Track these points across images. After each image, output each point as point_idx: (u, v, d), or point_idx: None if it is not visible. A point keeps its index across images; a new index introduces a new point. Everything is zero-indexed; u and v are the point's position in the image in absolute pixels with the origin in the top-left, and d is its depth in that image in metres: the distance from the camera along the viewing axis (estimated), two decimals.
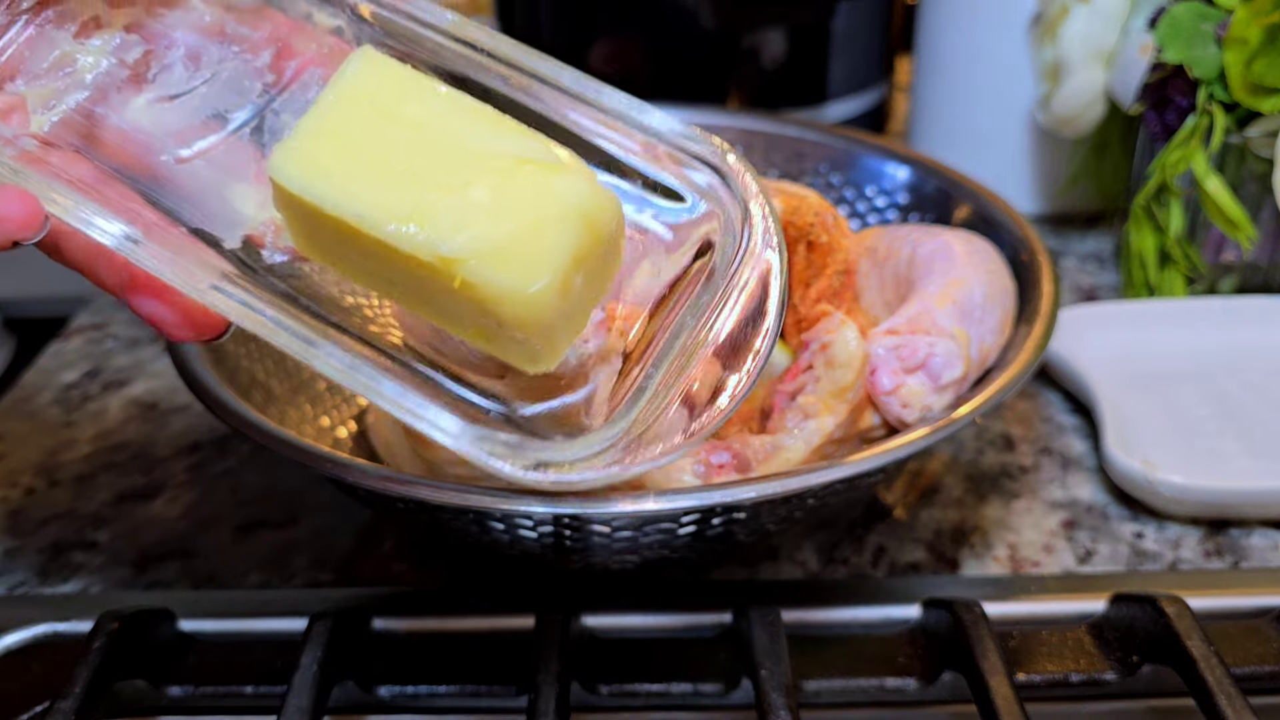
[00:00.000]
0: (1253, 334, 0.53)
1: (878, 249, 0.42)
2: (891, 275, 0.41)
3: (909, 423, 0.36)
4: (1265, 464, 0.46)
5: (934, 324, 0.37)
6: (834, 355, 0.36)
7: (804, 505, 0.35)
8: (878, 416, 0.37)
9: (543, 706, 0.32)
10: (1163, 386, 0.51)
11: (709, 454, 0.35)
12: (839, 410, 0.36)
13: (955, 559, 0.43)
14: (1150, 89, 0.54)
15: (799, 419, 0.36)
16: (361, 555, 0.43)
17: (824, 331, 0.36)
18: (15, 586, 0.42)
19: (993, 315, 0.38)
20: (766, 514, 0.35)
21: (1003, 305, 0.39)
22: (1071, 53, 0.57)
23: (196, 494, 0.47)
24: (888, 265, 0.42)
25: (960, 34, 0.68)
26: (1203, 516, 0.44)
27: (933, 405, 0.36)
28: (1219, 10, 0.51)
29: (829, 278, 0.39)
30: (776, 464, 0.36)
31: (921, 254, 0.40)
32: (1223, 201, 0.51)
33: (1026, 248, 0.43)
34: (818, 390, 0.36)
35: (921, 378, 0.36)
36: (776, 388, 0.38)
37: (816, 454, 0.36)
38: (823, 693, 0.36)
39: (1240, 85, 0.50)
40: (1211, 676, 0.33)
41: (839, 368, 0.35)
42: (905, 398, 0.36)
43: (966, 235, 0.42)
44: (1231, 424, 0.48)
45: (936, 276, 0.39)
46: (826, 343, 0.36)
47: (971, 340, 0.37)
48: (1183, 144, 0.52)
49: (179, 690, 0.36)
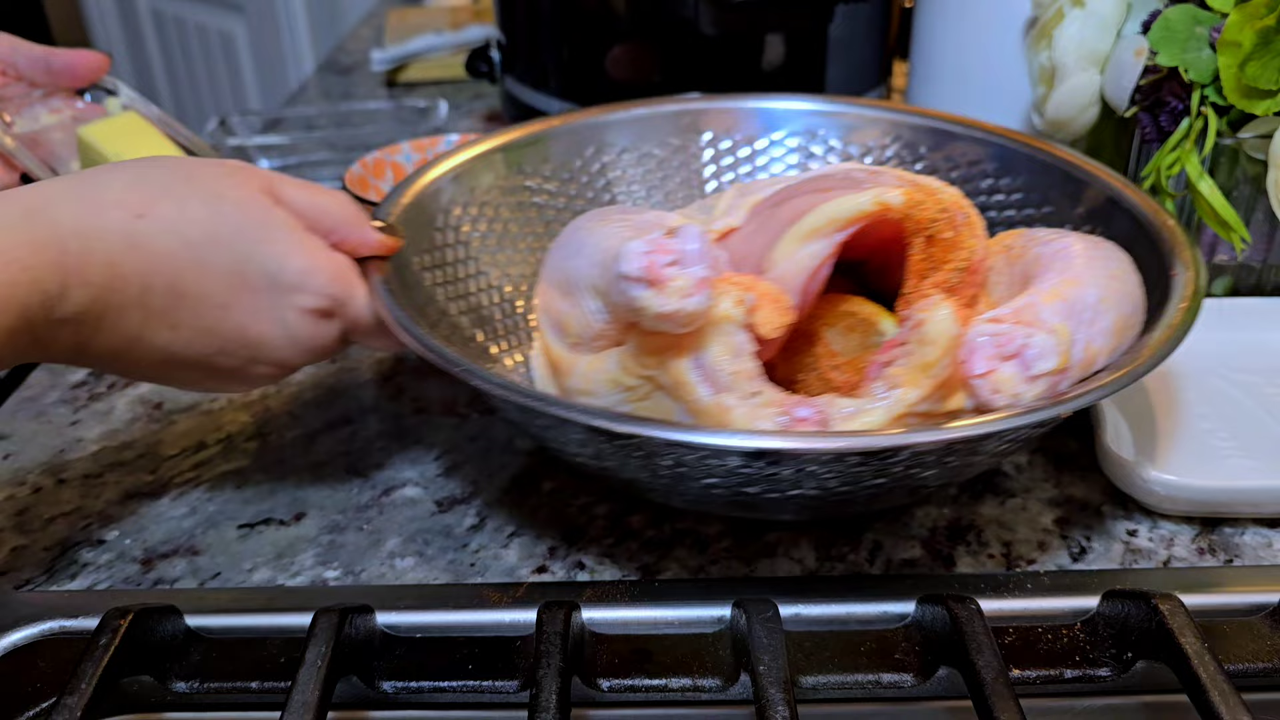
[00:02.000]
0: (1246, 334, 0.54)
1: (1013, 247, 0.44)
2: (1020, 272, 0.43)
3: (995, 408, 0.37)
4: (1258, 463, 0.46)
5: (1036, 317, 0.38)
6: (925, 332, 0.37)
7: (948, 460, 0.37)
8: (970, 401, 0.39)
9: (544, 701, 0.33)
10: (1158, 385, 0.51)
11: (794, 409, 0.38)
12: (923, 385, 0.37)
13: (951, 556, 0.43)
14: (1144, 92, 0.54)
15: (885, 388, 0.38)
16: (365, 552, 0.44)
17: (920, 309, 0.38)
18: (23, 584, 0.43)
19: (1105, 318, 0.39)
20: (930, 459, 0.37)
21: (1120, 310, 0.40)
22: (1066, 56, 0.57)
23: (202, 492, 0.48)
24: (1018, 264, 0.43)
25: (956, 38, 0.68)
26: (1195, 514, 0.45)
27: (1022, 394, 0.37)
28: (1213, 14, 0.51)
29: (947, 273, 0.41)
30: (856, 426, 0.37)
31: (1044, 254, 0.42)
32: (1216, 203, 0.52)
33: (1166, 241, 0.44)
34: (906, 363, 0.38)
35: (1015, 366, 0.37)
36: (873, 358, 0.40)
37: (896, 423, 0.38)
38: (820, 687, 0.36)
39: (1233, 88, 0.50)
40: (1205, 673, 0.33)
41: (928, 344, 0.37)
42: (996, 383, 0.37)
43: (1095, 240, 0.43)
44: (1225, 423, 0.49)
45: (1052, 275, 0.40)
46: (920, 320, 0.38)
47: (1076, 339, 0.38)
48: (1176, 146, 0.53)
49: (185, 686, 0.37)
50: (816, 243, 0.41)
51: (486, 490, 0.48)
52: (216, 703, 0.38)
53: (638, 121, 0.57)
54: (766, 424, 0.38)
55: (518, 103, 0.82)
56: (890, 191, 0.41)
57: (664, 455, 0.36)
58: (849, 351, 0.44)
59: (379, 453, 0.50)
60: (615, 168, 0.57)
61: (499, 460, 0.50)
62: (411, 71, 1.08)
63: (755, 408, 0.38)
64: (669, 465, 0.37)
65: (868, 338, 0.44)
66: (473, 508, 0.47)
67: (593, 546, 0.44)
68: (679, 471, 0.37)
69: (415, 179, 0.50)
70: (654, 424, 0.35)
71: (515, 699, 0.36)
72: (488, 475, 0.49)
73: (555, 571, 0.43)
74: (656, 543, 0.44)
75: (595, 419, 0.35)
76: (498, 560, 0.43)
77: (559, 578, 0.42)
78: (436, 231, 0.49)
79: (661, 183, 0.58)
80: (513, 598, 0.40)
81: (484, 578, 0.42)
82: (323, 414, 0.53)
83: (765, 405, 0.38)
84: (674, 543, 0.44)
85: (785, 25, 0.72)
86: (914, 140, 0.56)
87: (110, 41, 2.03)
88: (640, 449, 0.36)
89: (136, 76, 2.04)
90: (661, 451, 0.36)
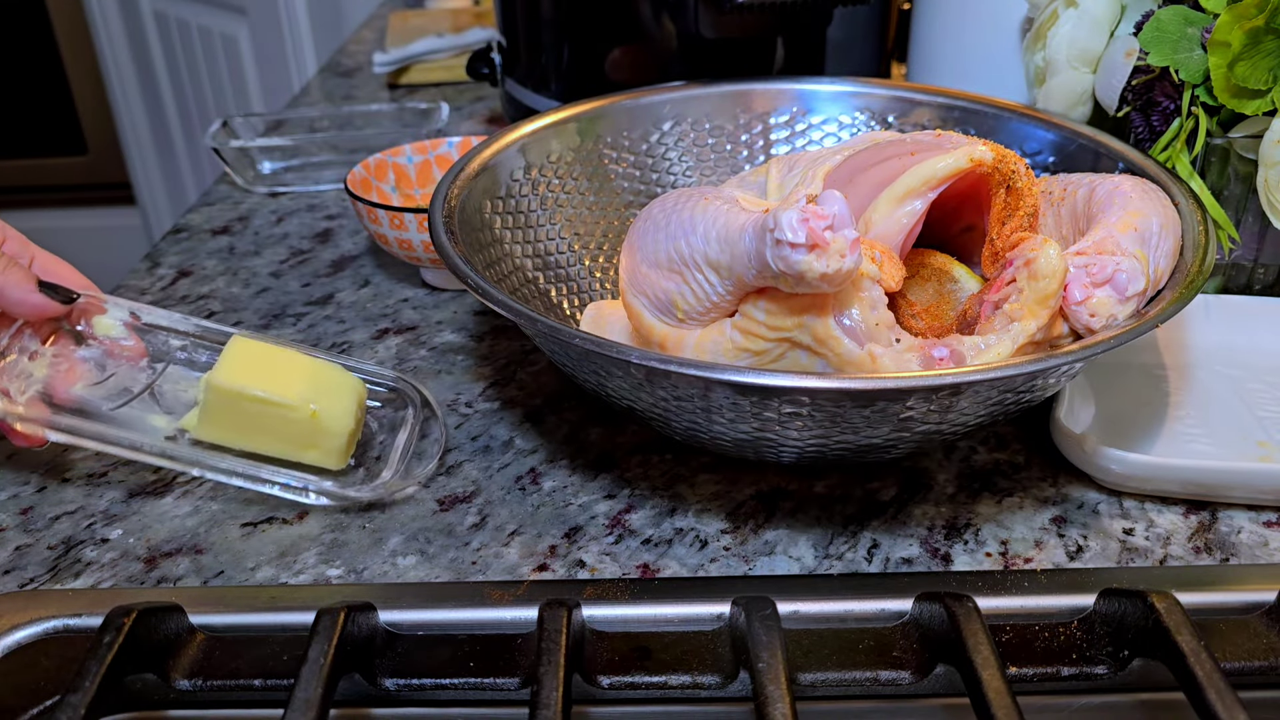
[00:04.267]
0: (1235, 332, 0.55)
1: (1053, 192, 0.49)
2: (1069, 213, 0.48)
3: (1095, 330, 0.42)
4: (1220, 449, 0.48)
5: (1118, 246, 0.43)
6: (1038, 268, 0.41)
7: None
8: (1067, 326, 0.43)
9: (545, 698, 0.33)
10: (1141, 376, 0.53)
11: (930, 349, 0.42)
12: (1041, 316, 0.42)
13: (948, 554, 0.43)
14: (1136, 92, 0.55)
15: (1005, 323, 0.42)
16: (368, 550, 0.44)
17: (1028, 249, 0.42)
18: (27, 582, 0.43)
19: (1167, 242, 0.44)
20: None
21: (1174, 234, 0.45)
22: (1058, 54, 0.57)
23: (206, 491, 0.48)
24: (1064, 205, 0.48)
25: (953, 41, 0.68)
26: (1146, 492, 0.46)
27: (1117, 315, 0.42)
28: (1205, 15, 0.52)
29: (1020, 218, 0.46)
30: (987, 359, 0.41)
31: (1100, 192, 0.46)
32: (1206, 202, 0.52)
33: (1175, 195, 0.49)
34: (1022, 299, 0.42)
35: (1109, 290, 0.42)
36: (982, 298, 0.44)
37: (1019, 353, 0.42)
38: (818, 685, 0.37)
39: (1224, 88, 0.50)
40: (1201, 670, 0.34)
41: (1043, 278, 0.41)
42: (1094, 308, 0.42)
43: (1136, 177, 0.48)
44: (1198, 411, 0.50)
45: (1117, 209, 0.45)
46: (1030, 258, 0.42)
47: (1150, 261, 0.43)
48: (1168, 146, 0.53)
49: (188, 684, 0.37)
50: (912, 202, 0.46)
51: (488, 489, 0.48)
52: (220, 700, 0.38)
53: (693, 100, 0.62)
54: (914, 366, 0.41)
55: (519, 105, 0.83)
56: (979, 148, 0.45)
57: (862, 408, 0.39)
58: (924, 300, 0.48)
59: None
60: (670, 142, 0.62)
61: (500, 459, 0.50)
62: (413, 74, 1.08)
63: (899, 353, 0.41)
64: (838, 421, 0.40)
65: (943, 286, 0.48)
66: (474, 506, 0.47)
67: (593, 545, 0.44)
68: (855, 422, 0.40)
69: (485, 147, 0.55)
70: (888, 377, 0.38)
71: (516, 696, 0.37)
72: (489, 474, 0.49)
73: (556, 570, 0.43)
74: (656, 541, 0.45)
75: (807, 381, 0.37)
76: (499, 559, 0.44)
77: (560, 576, 0.43)
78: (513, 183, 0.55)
79: (715, 160, 0.63)
80: (514, 596, 0.40)
81: (485, 576, 0.43)
82: None
83: (907, 350, 0.41)
84: (673, 541, 0.45)
85: (784, 28, 0.72)
86: (964, 120, 0.60)
87: (113, 44, 2.04)
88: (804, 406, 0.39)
89: (139, 79, 2.05)
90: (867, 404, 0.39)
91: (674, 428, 0.44)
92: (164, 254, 0.72)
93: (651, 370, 0.39)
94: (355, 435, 0.48)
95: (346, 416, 0.47)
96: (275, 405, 0.46)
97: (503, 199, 0.54)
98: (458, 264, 0.45)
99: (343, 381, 0.48)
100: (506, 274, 0.52)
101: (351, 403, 0.47)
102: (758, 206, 0.44)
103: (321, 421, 0.46)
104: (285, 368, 0.47)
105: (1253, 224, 0.55)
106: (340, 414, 0.46)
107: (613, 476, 0.49)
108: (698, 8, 0.69)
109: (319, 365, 0.48)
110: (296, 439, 0.46)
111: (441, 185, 0.51)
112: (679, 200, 0.46)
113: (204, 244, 0.73)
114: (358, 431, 0.48)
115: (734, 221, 0.42)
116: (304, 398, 0.46)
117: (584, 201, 0.59)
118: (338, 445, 0.47)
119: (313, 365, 0.48)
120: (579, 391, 0.55)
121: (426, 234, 0.60)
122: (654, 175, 0.61)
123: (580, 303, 0.56)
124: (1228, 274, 0.58)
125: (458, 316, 0.63)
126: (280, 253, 0.72)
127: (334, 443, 0.46)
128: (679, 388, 0.40)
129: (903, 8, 0.84)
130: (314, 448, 0.47)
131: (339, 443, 0.47)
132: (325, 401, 0.46)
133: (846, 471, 0.48)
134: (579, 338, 0.40)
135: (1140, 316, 0.42)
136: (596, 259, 0.58)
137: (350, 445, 0.47)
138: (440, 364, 0.58)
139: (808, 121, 0.63)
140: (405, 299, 0.65)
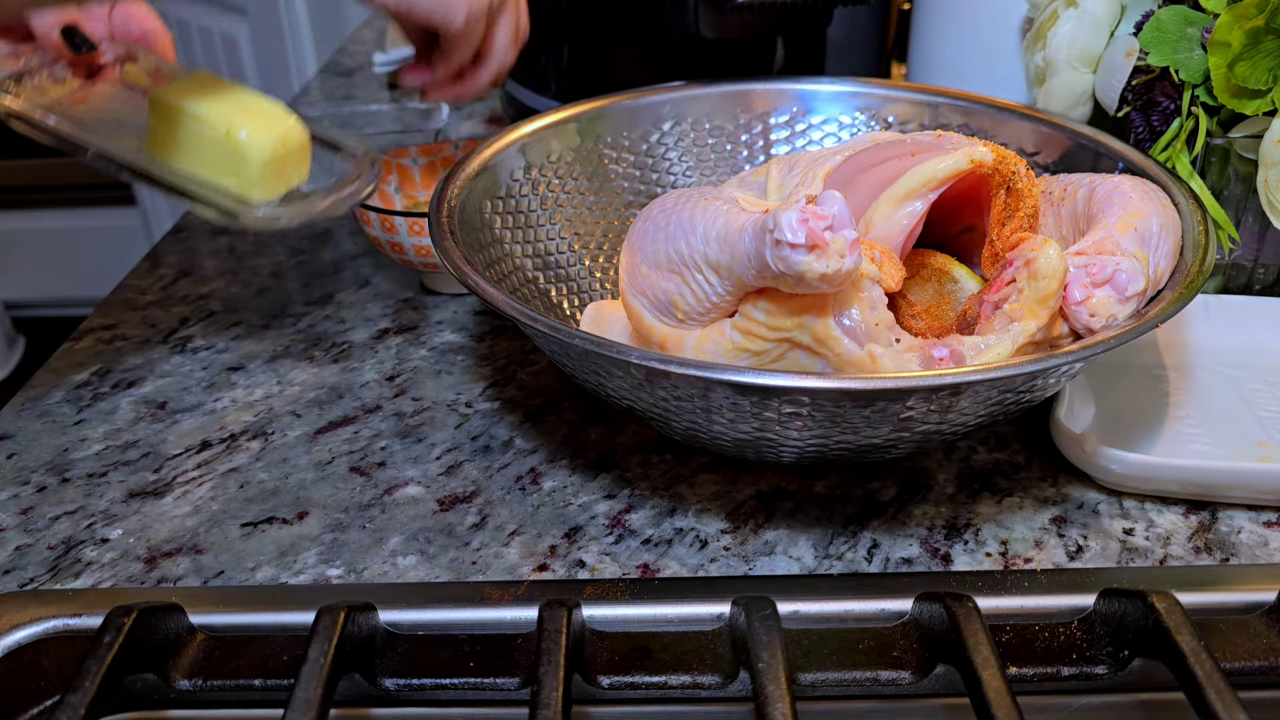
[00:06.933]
0: (1236, 332, 0.55)
1: (1052, 192, 0.49)
2: (1069, 213, 0.48)
3: (1095, 330, 0.42)
4: (1219, 449, 0.48)
5: (1118, 246, 0.43)
6: (1038, 268, 0.41)
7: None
8: (1067, 326, 0.43)
9: (545, 698, 0.33)
10: (1141, 376, 0.53)
11: (930, 349, 0.42)
12: (1041, 316, 0.42)
13: (948, 554, 0.43)
14: (1136, 92, 0.55)
15: (1005, 323, 0.42)
16: (368, 550, 0.44)
17: (1028, 249, 0.42)
18: (27, 582, 0.43)
19: (1166, 242, 0.44)
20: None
21: (1174, 234, 0.45)
22: (1058, 54, 0.57)
23: (205, 491, 0.48)
24: (1064, 205, 0.48)
25: (953, 41, 0.68)
26: (1146, 492, 0.46)
27: (1117, 315, 0.42)
28: (1205, 15, 0.52)
29: (1020, 219, 0.46)
30: (987, 359, 0.41)
31: (1100, 192, 0.46)
32: (1206, 202, 0.52)
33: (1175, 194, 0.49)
34: (1021, 299, 0.42)
35: (1109, 290, 0.42)
36: (982, 298, 0.44)
37: (1019, 353, 0.42)
38: (818, 685, 0.37)
39: (1223, 88, 0.50)
40: (1201, 671, 0.33)
41: (1043, 279, 0.41)
42: (1093, 308, 0.42)
43: (1136, 177, 0.48)
44: (1198, 411, 0.50)
45: (1116, 209, 0.45)
46: (1030, 259, 0.42)
47: (1150, 262, 0.43)
48: (1168, 146, 0.53)
49: (188, 684, 0.37)
50: (912, 203, 0.46)
51: (488, 489, 0.48)
52: (220, 700, 0.38)
53: (693, 100, 0.62)
54: (914, 366, 0.41)
55: (519, 105, 0.83)
56: (980, 148, 0.45)
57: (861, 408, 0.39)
58: (924, 300, 0.48)
59: (381, 452, 0.51)
60: (670, 141, 0.62)
61: (500, 459, 0.50)
62: None
63: (899, 353, 0.41)
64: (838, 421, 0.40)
65: (943, 286, 0.48)
66: (474, 506, 0.47)
67: (593, 545, 0.44)
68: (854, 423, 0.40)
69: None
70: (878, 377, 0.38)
71: (516, 696, 0.37)
72: (489, 474, 0.49)
73: (556, 569, 0.43)
74: (656, 541, 0.45)
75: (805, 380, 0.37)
76: (499, 558, 0.44)
77: (560, 576, 0.43)
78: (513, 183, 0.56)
79: (714, 160, 0.63)
80: (514, 595, 0.40)
81: (485, 576, 0.43)
82: (325, 413, 0.54)
83: (907, 350, 0.42)
84: (673, 541, 0.45)
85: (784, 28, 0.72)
86: (964, 120, 0.60)
87: None
88: (805, 406, 0.39)
89: None
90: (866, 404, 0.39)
91: (674, 428, 0.44)
92: (164, 254, 0.72)
93: (651, 370, 0.39)
94: (283, 175, 0.50)
95: (265, 146, 0.48)
96: (197, 121, 0.48)
97: (503, 199, 0.54)
98: (458, 264, 0.45)
99: (275, 115, 0.50)
100: (506, 274, 0.52)
101: (273, 135, 0.49)
102: (758, 207, 0.44)
103: (237, 144, 0.48)
104: (225, 96, 0.50)
105: (1253, 224, 0.56)
106: (261, 142, 0.48)
107: (613, 476, 0.49)
108: (698, 8, 0.69)
109: (259, 100, 0.50)
110: (218, 162, 0.49)
111: (441, 185, 0.51)
112: (679, 200, 0.46)
113: (204, 244, 0.73)
114: (288, 172, 0.50)
115: (734, 222, 0.42)
116: (225, 119, 0.48)
117: (584, 201, 0.59)
118: (253, 173, 0.48)
119: (253, 99, 0.50)
120: (579, 391, 0.55)
121: (418, 239, 0.60)
122: (654, 175, 0.61)
123: (580, 303, 0.56)
124: (1228, 274, 0.58)
125: (458, 316, 0.63)
126: (280, 253, 0.72)
127: (250, 170, 0.48)
128: (679, 388, 0.40)
129: (903, 8, 0.84)
130: (233, 174, 0.49)
131: (254, 170, 0.48)
132: (249, 128, 0.48)
133: (846, 471, 0.48)
134: (579, 338, 0.40)
135: (1140, 316, 0.41)
136: (596, 259, 0.58)
137: (274, 181, 0.49)
138: (440, 364, 0.58)
139: (808, 121, 0.63)
140: (405, 299, 0.65)
